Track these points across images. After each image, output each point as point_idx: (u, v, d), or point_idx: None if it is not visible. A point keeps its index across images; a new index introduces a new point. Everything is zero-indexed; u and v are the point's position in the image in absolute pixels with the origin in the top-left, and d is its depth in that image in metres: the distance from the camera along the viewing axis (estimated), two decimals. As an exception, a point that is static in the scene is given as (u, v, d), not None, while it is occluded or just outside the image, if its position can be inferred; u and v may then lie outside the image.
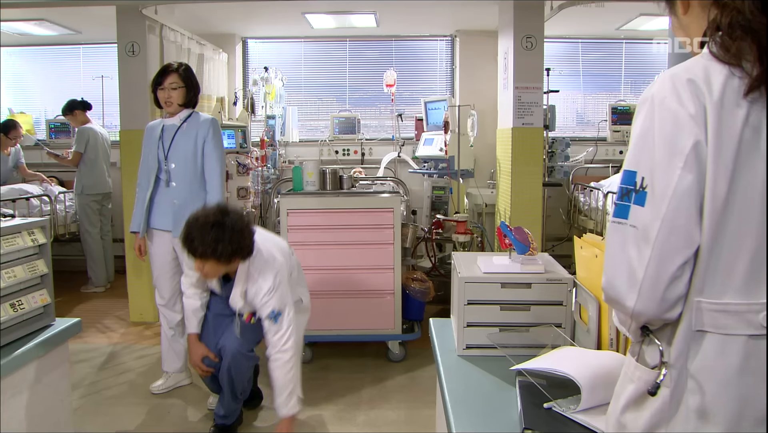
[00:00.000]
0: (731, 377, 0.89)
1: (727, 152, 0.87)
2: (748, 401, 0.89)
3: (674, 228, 0.89)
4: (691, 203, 0.88)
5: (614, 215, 0.97)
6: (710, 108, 0.88)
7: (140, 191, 3.00)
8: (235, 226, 2.27)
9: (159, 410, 2.96)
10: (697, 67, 0.91)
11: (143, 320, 4.30)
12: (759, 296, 0.88)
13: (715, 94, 0.88)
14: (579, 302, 1.68)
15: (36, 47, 5.99)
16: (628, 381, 1.01)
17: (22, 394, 1.86)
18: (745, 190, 0.88)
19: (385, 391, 3.16)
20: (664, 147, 0.90)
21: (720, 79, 0.88)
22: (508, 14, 4.29)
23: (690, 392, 0.92)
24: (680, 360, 0.93)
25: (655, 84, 0.95)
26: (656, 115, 0.92)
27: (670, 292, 0.90)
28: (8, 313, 1.84)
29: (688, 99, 0.89)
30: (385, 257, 3.43)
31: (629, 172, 0.95)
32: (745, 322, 0.89)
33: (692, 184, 0.88)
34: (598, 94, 6.05)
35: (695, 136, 0.88)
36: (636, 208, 0.93)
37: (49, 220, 2.60)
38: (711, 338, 0.90)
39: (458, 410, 1.37)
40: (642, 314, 0.94)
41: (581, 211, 5.22)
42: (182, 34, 4.66)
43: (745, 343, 0.89)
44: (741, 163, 0.87)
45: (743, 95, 0.87)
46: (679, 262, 0.89)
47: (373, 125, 6.05)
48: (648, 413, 0.96)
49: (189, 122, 2.94)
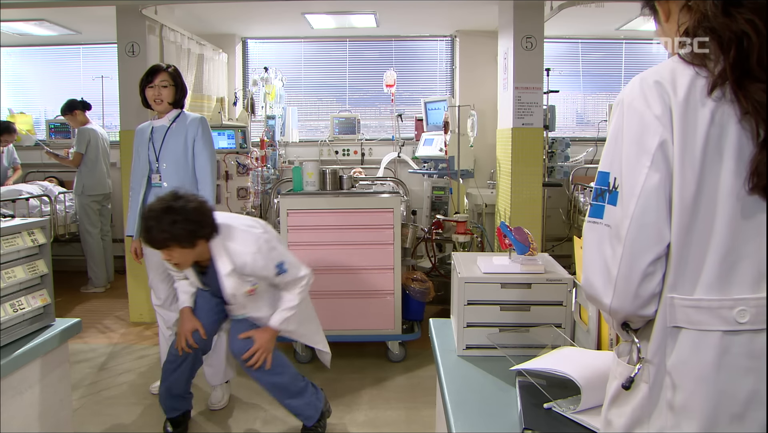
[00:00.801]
0: (707, 372, 0.90)
1: (693, 150, 0.89)
2: (724, 397, 0.90)
3: (643, 226, 0.91)
4: (659, 201, 0.90)
5: (589, 215, 1.00)
6: (675, 108, 0.90)
7: (133, 195, 3.00)
8: (188, 206, 2.24)
9: (158, 410, 2.96)
10: (665, 69, 0.93)
11: (143, 320, 4.30)
12: (731, 292, 0.89)
13: (680, 94, 0.90)
14: (579, 302, 1.68)
15: (36, 47, 5.99)
16: (612, 378, 1.03)
17: (22, 394, 1.86)
18: (713, 187, 0.89)
19: (384, 391, 3.16)
20: (632, 147, 0.93)
21: (686, 80, 0.90)
22: (508, 14, 4.29)
23: (667, 388, 0.93)
24: (657, 356, 0.94)
25: (627, 87, 0.98)
26: (625, 118, 0.95)
27: (643, 288, 0.92)
28: (8, 313, 1.84)
29: (654, 100, 0.91)
30: (385, 258, 3.43)
31: (603, 174, 0.98)
32: (719, 318, 0.89)
33: (659, 183, 0.90)
34: (597, 95, 6.05)
35: (660, 135, 0.90)
36: (609, 208, 0.95)
37: (48, 220, 2.60)
38: (686, 334, 0.92)
39: (458, 411, 1.37)
40: (618, 310, 0.96)
41: (581, 212, 5.22)
42: (182, 34, 4.66)
43: (720, 339, 0.89)
44: (708, 160, 0.89)
45: (707, 93, 0.89)
46: (650, 258, 0.91)
47: (373, 125, 6.05)
48: (630, 409, 0.97)
49: (178, 122, 2.94)
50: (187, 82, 4.65)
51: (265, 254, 2.36)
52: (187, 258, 2.32)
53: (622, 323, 0.99)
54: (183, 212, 2.21)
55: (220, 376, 2.98)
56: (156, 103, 2.91)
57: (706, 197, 0.89)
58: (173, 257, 2.28)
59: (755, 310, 0.88)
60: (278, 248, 2.45)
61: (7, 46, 5.88)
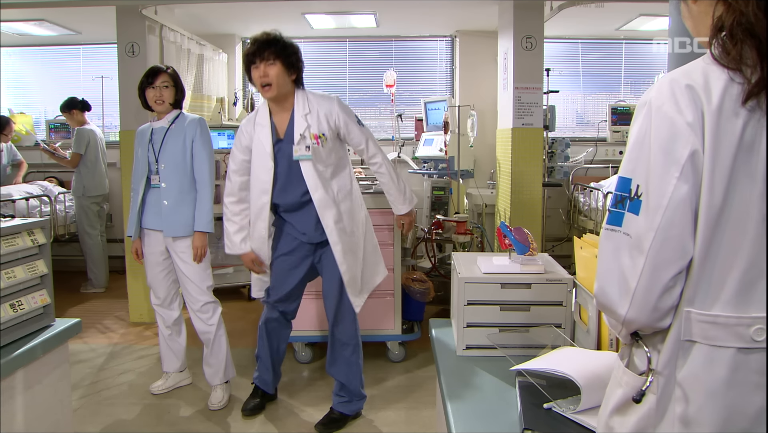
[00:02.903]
0: (718, 388, 0.88)
1: (723, 162, 0.85)
2: (733, 413, 0.89)
3: (668, 239, 0.87)
4: (685, 214, 0.87)
5: (608, 222, 0.95)
6: (708, 116, 0.86)
7: (134, 195, 3.01)
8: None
9: (158, 410, 2.96)
10: (696, 72, 0.89)
11: (143, 320, 4.30)
12: (750, 310, 0.87)
13: (714, 101, 0.86)
14: (579, 302, 1.68)
15: (36, 47, 5.99)
16: (616, 385, 1.01)
17: (22, 394, 1.86)
18: (741, 201, 0.86)
19: (384, 391, 3.16)
20: (661, 155, 0.88)
21: (719, 85, 0.86)
22: (508, 14, 4.29)
23: (676, 401, 0.91)
24: (668, 368, 0.92)
25: (654, 88, 0.93)
26: (653, 122, 0.90)
27: (663, 302, 0.90)
28: (8, 313, 1.84)
29: (686, 106, 0.87)
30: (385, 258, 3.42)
31: (624, 180, 0.93)
32: (735, 335, 0.87)
33: (687, 195, 0.86)
34: (597, 95, 6.05)
35: (692, 145, 0.86)
36: (630, 217, 0.91)
37: (48, 220, 2.60)
38: (699, 349, 0.90)
39: (458, 411, 1.37)
40: (633, 322, 0.93)
41: (581, 212, 5.22)
42: (182, 34, 4.66)
43: (733, 355, 0.88)
44: (737, 173, 0.86)
45: (741, 103, 0.85)
46: (673, 273, 0.88)
47: (373, 125, 6.05)
48: (634, 418, 0.96)
49: (177, 123, 2.95)
50: (187, 83, 4.67)
51: (345, 108, 2.60)
52: (280, 81, 2.50)
53: (632, 332, 0.97)
54: (295, 46, 2.58)
55: (220, 376, 2.98)
56: (157, 104, 2.92)
57: (733, 211, 0.86)
58: (269, 75, 2.48)
59: None
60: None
61: (7, 46, 5.88)
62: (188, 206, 2.88)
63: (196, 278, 2.90)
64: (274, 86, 2.51)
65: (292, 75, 2.57)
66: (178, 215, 2.88)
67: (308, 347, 3.51)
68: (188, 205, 2.88)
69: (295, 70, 2.57)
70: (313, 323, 3.46)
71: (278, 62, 2.50)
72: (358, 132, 2.62)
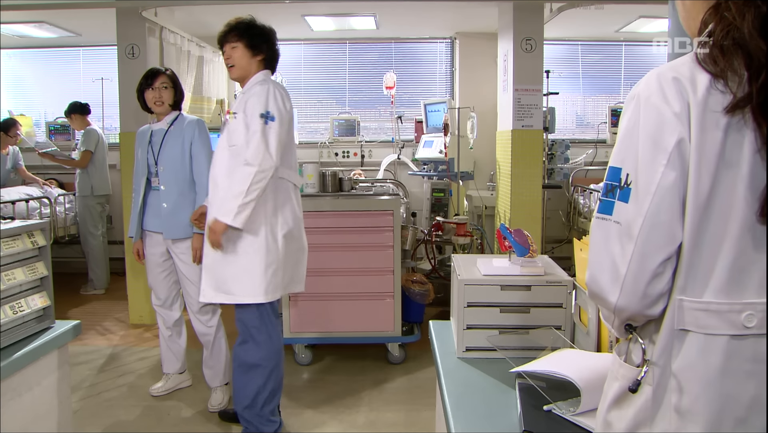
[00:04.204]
0: (713, 377, 0.89)
1: (710, 150, 0.87)
2: (729, 402, 0.89)
3: (656, 224, 0.89)
4: (673, 200, 0.89)
5: (598, 211, 0.97)
6: (694, 106, 0.88)
7: (135, 196, 3.01)
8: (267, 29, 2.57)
9: (158, 412, 2.96)
10: (683, 66, 0.91)
11: (143, 322, 4.30)
12: (741, 296, 0.88)
13: (700, 93, 0.88)
14: (579, 304, 1.68)
15: (36, 49, 5.99)
16: (613, 379, 1.02)
17: (22, 396, 1.86)
18: (728, 188, 0.88)
19: (384, 393, 3.16)
20: (648, 144, 0.91)
21: (705, 80, 0.88)
22: (508, 16, 4.30)
23: (672, 391, 0.92)
24: (663, 358, 0.93)
25: (642, 82, 0.95)
26: (642, 113, 0.92)
27: (652, 288, 0.91)
28: (8, 315, 1.84)
29: (672, 97, 0.89)
30: (385, 260, 3.43)
31: (614, 169, 0.95)
32: (727, 322, 0.89)
33: (675, 182, 0.88)
34: (597, 96, 6.06)
35: (679, 134, 0.88)
36: (620, 205, 0.93)
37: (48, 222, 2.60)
38: (693, 337, 0.91)
39: (458, 413, 1.37)
40: (624, 309, 0.94)
41: (581, 214, 5.23)
42: (182, 36, 4.67)
43: (727, 343, 0.89)
44: (725, 161, 0.87)
45: (724, 111, 0.87)
46: (661, 258, 0.90)
47: (373, 127, 6.05)
48: (632, 411, 0.96)
49: (176, 125, 2.95)
50: (187, 84, 4.68)
51: (268, 96, 2.38)
52: (243, 63, 2.48)
53: (624, 322, 0.98)
54: (263, 27, 2.57)
55: (220, 378, 2.98)
56: (156, 105, 2.92)
57: (720, 198, 0.88)
58: (232, 57, 2.49)
59: (762, 314, 0.88)
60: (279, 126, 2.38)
61: (8, 48, 5.88)
62: (188, 208, 2.88)
63: (196, 279, 2.90)
64: (237, 67, 2.52)
65: (257, 56, 2.53)
66: (177, 217, 2.88)
67: (308, 349, 3.51)
68: (188, 208, 2.88)
69: (260, 51, 2.53)
70: (312, 325, 3.46)
71: (240, 44, 2.50)
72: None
